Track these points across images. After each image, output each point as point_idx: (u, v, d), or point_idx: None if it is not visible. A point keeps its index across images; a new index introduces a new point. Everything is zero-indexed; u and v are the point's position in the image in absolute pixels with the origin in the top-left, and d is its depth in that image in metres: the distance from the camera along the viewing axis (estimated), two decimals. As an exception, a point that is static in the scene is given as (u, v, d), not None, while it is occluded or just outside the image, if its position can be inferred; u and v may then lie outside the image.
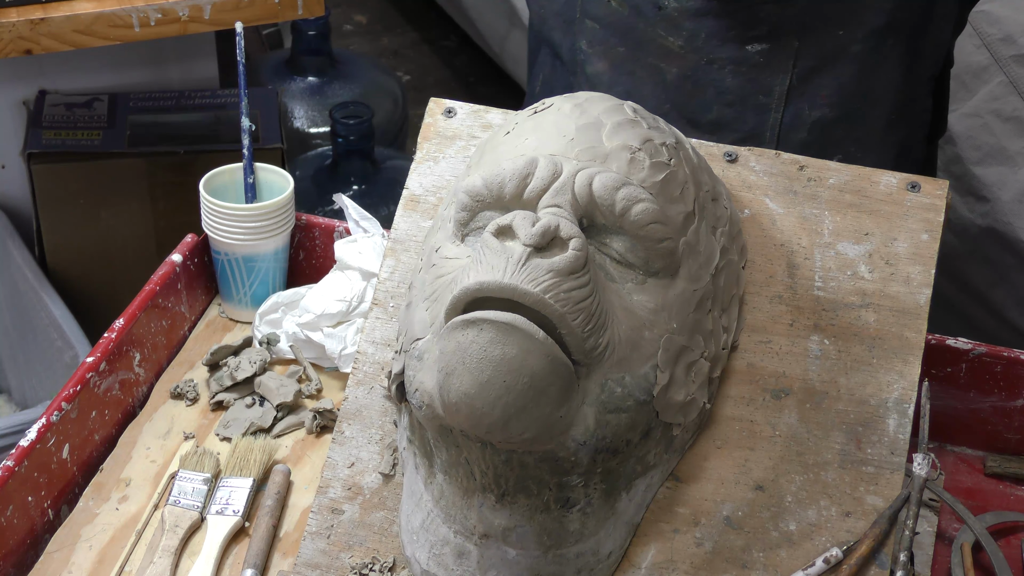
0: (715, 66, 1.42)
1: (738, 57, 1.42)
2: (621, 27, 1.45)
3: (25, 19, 1.67)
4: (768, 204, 1.20)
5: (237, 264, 1.43)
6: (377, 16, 3.67)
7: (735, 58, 1.42)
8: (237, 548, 1.21)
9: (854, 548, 1.08)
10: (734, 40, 1.41)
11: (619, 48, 1.47)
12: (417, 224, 1.24)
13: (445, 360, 0.99)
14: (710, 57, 1.43)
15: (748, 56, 1.42)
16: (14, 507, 1.19)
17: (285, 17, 1.79)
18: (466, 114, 1.27)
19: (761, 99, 1.45)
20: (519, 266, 0.98)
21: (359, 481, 1.16)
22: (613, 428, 1.02)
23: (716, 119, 1.46)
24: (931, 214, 1.18)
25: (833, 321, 1.15)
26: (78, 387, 1.26)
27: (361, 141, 2.18)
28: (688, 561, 1.09)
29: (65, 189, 1.83)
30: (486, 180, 1.06)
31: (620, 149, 1.07)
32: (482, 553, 1.07)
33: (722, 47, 1.42)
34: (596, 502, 1.07)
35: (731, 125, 1.46)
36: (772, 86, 1.44)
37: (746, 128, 1.46)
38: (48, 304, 1.72)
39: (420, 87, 3.34)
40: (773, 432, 1.12)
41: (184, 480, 1.24)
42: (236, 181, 1.46)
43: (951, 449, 1.33)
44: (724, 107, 1.45)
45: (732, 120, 1.46)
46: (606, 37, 1.47)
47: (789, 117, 1.45)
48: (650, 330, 1.04)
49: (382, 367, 1.19)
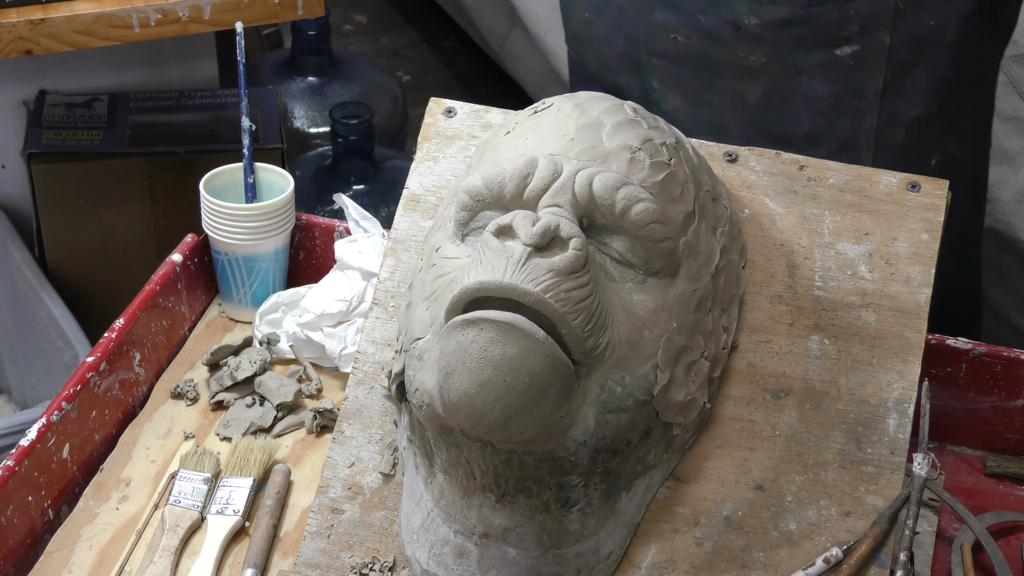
0: (803, 76, 1.39)
1: (828, 62, 1.39)
2: (693, 58, 1.43)
3: (25, 19, 1.67)
4: (768, 204, 1.20)
5: (237, 264, 1.43)
6: (377, 16, 3.66)
7: (825, 63, 1.39)
8: (237, 548, 1.21)
9: (854, 548, 1.08)
10: (823, 45, 1.38)
11: (693, 80, 1.45)
12: (417, 224, 1.24)
13: (445, 360, 0.99)
14: (798, 67, 1.39)
15: (838, 60, 1.39)
16: (14, 507, 1.19)
17: (285, 17, 1.79)
18: (466, 114, 1.27)
19: (855, 103, 1.41)
20: (519, 266, 0.98)
21: (359, 481, 1.16)
22: (613, 428, 1.02)
23: (809, 132, 1.43)
24: (931, 214, 1.18)
25: (833, 321, 1.15)
26: (78, 387, 1.26)
27: (361, 141, 2.18)
28: (688, 561, 1.09)
29: (65, 189, 1.83)
30: (486, 180, 1.06)
31: (620, 149, 1.07)
32: (482, 553, 1.07)
33: (810, 54, 1.39)
34: (596, 502, 1.07)
35: (825, 136, 1.42)
36: (865, 87, 1.40)
37: (841, 136, 1.43)
38: (48, 304, 1.72)
39: (420, 87, 3.34)
40: (773, 432, 1.12)
41: (184, 480, 1.24)
42: (236, 181, 1.46)
43: (951, 449, 1.33)
44: (816, 117, 1.42)
45: (825, 130, 1.42)
46: (677, 72, 1.45)
47: (885, 118, 1.41)
48: (650, 330, 1.04)
49: (382, 367, 1.19)
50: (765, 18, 1.37)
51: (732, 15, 1.39)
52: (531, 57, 2.95)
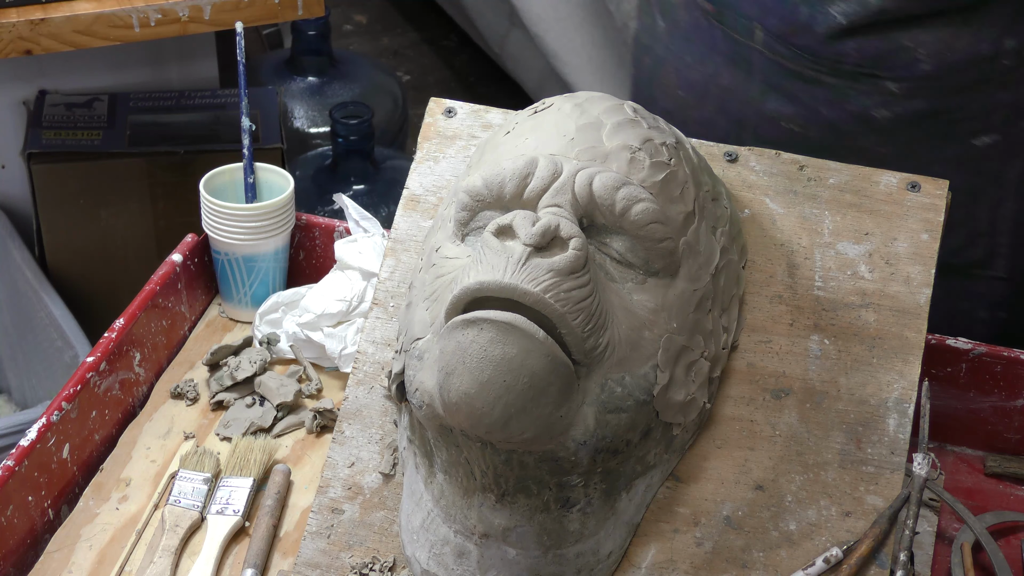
0: (936, 166, 1.29)
1: (965, 152, 1.33)
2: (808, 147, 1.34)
3: (25, 19, 1.67)
4: (768, 204, 1.20)
5: (237, 264, 1.43)
6: (377, 16, 3.66)
7: (961, 154, 1.33)
8: (237, 548, 1.21)
9: (854, 548, 1.08)
10: (961, 135, 1.32)
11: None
12: (417, 224, 1.24)
13: (445, 360, 0.99)
14: (930, 158, 1.33)
15: (977, 150, 1.33)
16: (14, 507, 1.19)
17: (285, 17, 1.79)
18: (466, 114, 1.27)
19: (991, 192, 1.35)
20: (519, 266, 0.98)
21: (359, 481, 1.16)
22: (613, 428, 1.02)
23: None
24: (931, 214, 1.18)
25: (833, 321, 1.15)
26: (78, 387, 1.26)
27: (361, 141, 2.18)
28: (688, 561, 1.09)
29: (65, 189, 1.83)
30: (486, 180, 1.06)
31: (620, 149, 1.07)
32: (482, 553, 1.07)
33: (946, 145, 1.33)
34: (596, 502, 1.07)
35: (959, 224, 1.34)
36: (1005, 175, 1.34)
37: (979, 226, 1.37)
38: (48, 304, 1.72)
39: (420, 87, 3.34)
40: (773, 432, 1.12)
41: (184, 480, 1.24)
42: (236, 181, 1.46)
43: (951, 449, 1.33)
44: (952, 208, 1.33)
45: (960, 219, 1.34)
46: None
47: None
48: (650, 330, 1.04)
49: (382, 367, 1.19)
50: (899, 111, 1.32)
51: (860, 108, 1.33)
52: (531, 57, 2.95)
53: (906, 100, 1.32)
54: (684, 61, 1.46)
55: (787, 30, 1.34)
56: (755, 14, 1.36)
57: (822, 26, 1.31)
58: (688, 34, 1.45)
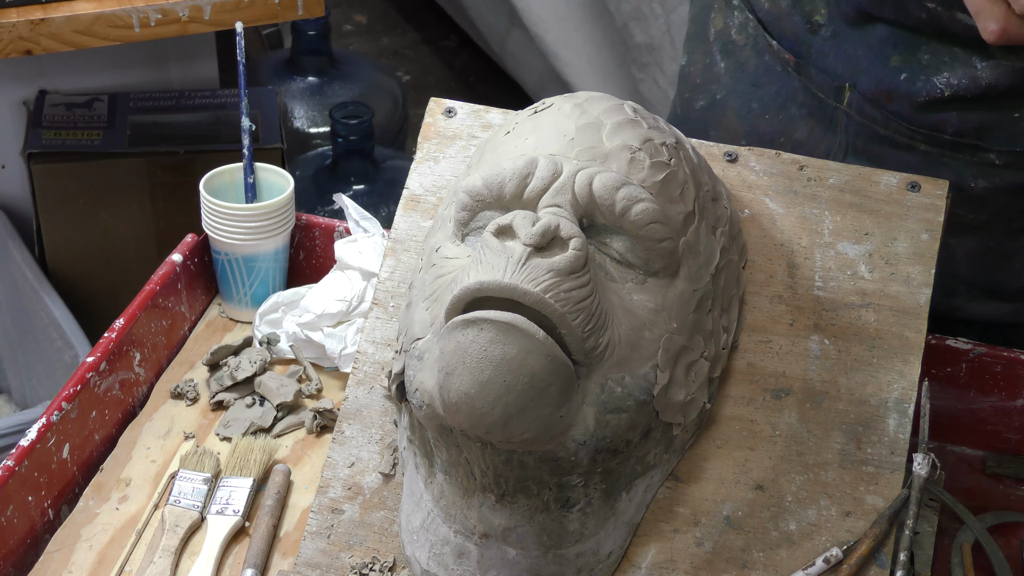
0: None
1: None
2: None
3: (25, 19, 1.67)
4: (768, 204, 1.20)
5: (237, 264, 1.44)
6: (377, 16, 3.67)
7: None
8: (237, 548, 1.21)
9: (854, 548, 1.08)
10: None
11: None
12: (417, 224, 1.24)
13: (445, 360, 0.99)
14: (1020, 226, 1.29)
15: None
16: (14, 507, 1.19)
17: (285, 17, 1.79)
18: (466, 114, 1.27)
19: None
20: (519, 266, 0.98)
21: (359, 481, 1.16)
22: (613, 428, 1.02)
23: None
24: (931, 214, 1.18)
25: (833, 321, 1.15)
26: (78, 387, 1.26)
27: (361, 141, 2.18)
28: (688, 561, 1.09)
29: (65, 189, 1.83)
30: (486, 180, 1.06)
31: (620, 149, 1.07)
32: (482, 553, 1.07)
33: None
34: (596, 502, 1.07)
35: None
36: None
37: None
38: (48, 304, 1.73)
39: (420, 87, 3.34)
40: (773, 432, 1.12)
41: (184, 480, 1.24)
42: (236, 181, 1.46)
43: (951, 449, 1.33)
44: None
45: None
46: None
47: None
48: (650, 330, 1.04)
49: (382, 367, 1.19)
50: (997, 182, 1.27)
51: (955, 177, 1.27)
52: (531, 57, 2.95)
53: (1007, 171, 1.27)
54: (751, 108, 1.39)
55: (882, 94, 1.27)
56: (847, 73, 1.29)
57: (921, 94, 1.25)
58: (757, 79, 1.38)
